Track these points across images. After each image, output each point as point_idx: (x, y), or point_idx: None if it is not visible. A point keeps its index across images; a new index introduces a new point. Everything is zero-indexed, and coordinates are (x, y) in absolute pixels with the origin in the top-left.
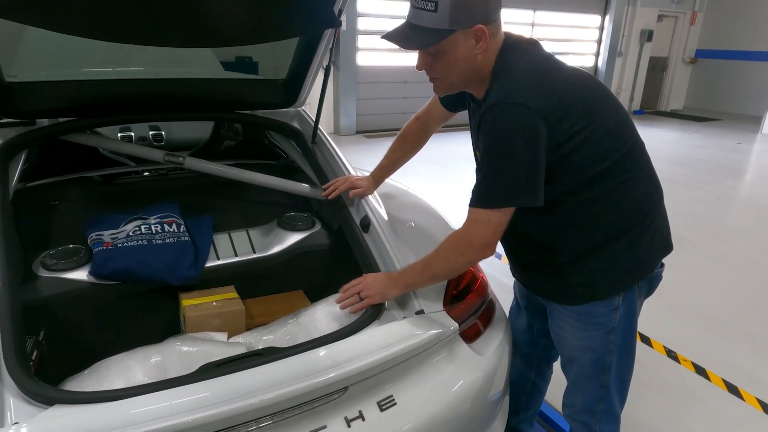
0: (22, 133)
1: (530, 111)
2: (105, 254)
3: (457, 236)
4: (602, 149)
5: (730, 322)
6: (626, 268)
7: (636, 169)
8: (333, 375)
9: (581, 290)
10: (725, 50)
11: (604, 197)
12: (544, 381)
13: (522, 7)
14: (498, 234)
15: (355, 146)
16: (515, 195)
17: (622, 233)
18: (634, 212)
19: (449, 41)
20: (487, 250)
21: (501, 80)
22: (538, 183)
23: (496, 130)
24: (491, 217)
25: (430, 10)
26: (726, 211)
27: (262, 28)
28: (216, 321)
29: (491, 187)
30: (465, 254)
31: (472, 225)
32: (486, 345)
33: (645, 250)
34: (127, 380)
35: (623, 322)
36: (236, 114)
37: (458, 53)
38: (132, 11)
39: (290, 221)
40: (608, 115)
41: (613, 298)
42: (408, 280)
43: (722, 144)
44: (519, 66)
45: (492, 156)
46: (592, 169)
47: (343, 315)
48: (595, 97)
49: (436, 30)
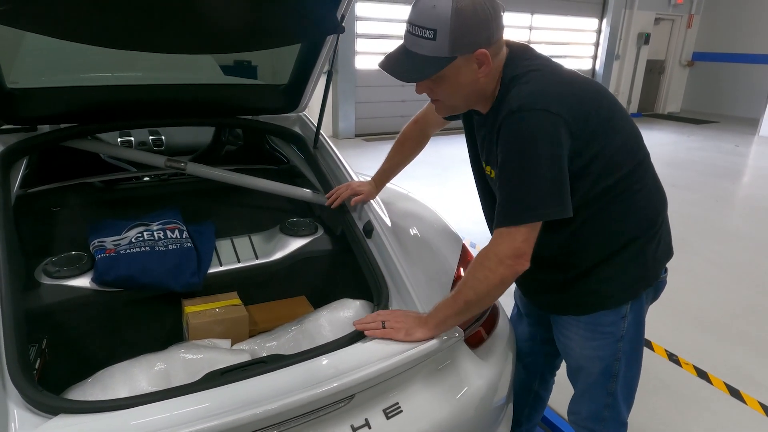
0: (23, 140)
1: (552, 116)
2: (108, 261)
3: (483, 254)
4: (617, 160)
5: (730, 324)
6: (635, 275)
7: (646, 178)
8: (339, 383)
9: (590, 299)
10: (722, 53)
11: (617, 208)
12: (546, 391)
13: (520, 11)
14: (528, 243)
15: (354, 150)
16: (546, 207)
17: (631, 242)
18: (644, 221)
19: (450, 69)
20: (519, 262)
21: (518, 86)
22: (566, 192)
23: (518, 138)
24: (519, 229)
25: (429, 38)
26: (725, 213)
27: (265, 34)
28: (219, 328)
29: (519, 203)
30: (496, 271)
31: (497, 239)
32: (490, 351)
33: (652, 257)
34: (132, 389)
35: (631, 329)
36: (238, 119)
37: (460, 79)
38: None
39: (293, 227)
40: (623, 125)
41: (621, 306)
42: (438, 318)
43: (720, 146)
44: (532, 72)
45: (515, 167)
46: (606, 180)
47: (346, 322)
48: (609, 105)
49: (435, 58)
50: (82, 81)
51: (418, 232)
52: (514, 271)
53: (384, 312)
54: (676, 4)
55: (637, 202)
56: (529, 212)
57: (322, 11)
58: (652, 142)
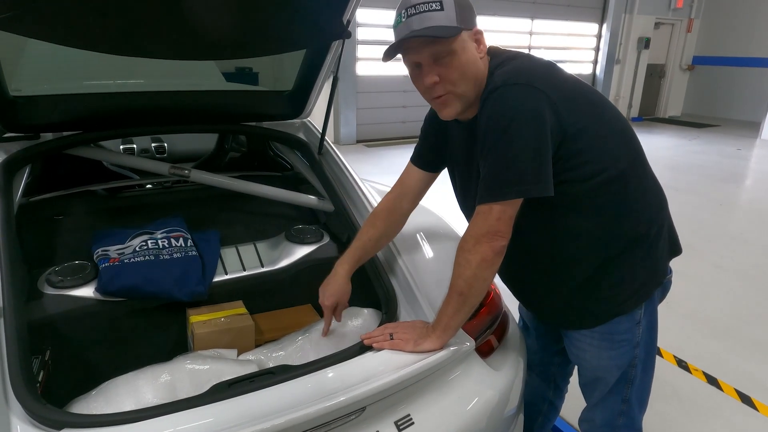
0: (26, 148)
1: (535, 90)
2: (112, 270)
3: (462, 239)
4: (610, 152)
5: (739, 329)
6: (645, 275)
7: (645, 174)
8: (351, 396)
9: (604, 307)
10: (722, 57)
11: (618, 205)
12: (560, 399)
13: (520, 16)
14: (502, 222)
15: (356, 155)
16: (526, 183)
17: (637, 241)
18: (647, 219)
19: (459, 41)
20: (495, 238)
21: (501, 69)
22: (547, 169)
23: (499, 113)
24: (493, 207)
25: (437, 9)
26: (729, 217)
27: (271, 40)
28: (225, 337)
29: (499, 178)
30: (474, 251)
31: (473, 219)
32: (501, 360)
33: (660, 255)
34: (137, 401)
35: (646, 334)
36: (241, 126)
37: (468, 54)
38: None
39: (298, 234)
40: (613, 116)
41: (635, 311)
42: (442, 322)
43: (722, 150)
44: (517, 60)
45: (496, 142)
46: (605, 173)
47: (355, 330)
48: (598, 98)
49: (448, 27)
50: (84, 88)
51: (425, 239)
52: (492, 248)
53: (391, 324)
54: (675, 9)
55: (639, 199)
56: (509, 188)
57: (328, 16)
58: (653, 146)
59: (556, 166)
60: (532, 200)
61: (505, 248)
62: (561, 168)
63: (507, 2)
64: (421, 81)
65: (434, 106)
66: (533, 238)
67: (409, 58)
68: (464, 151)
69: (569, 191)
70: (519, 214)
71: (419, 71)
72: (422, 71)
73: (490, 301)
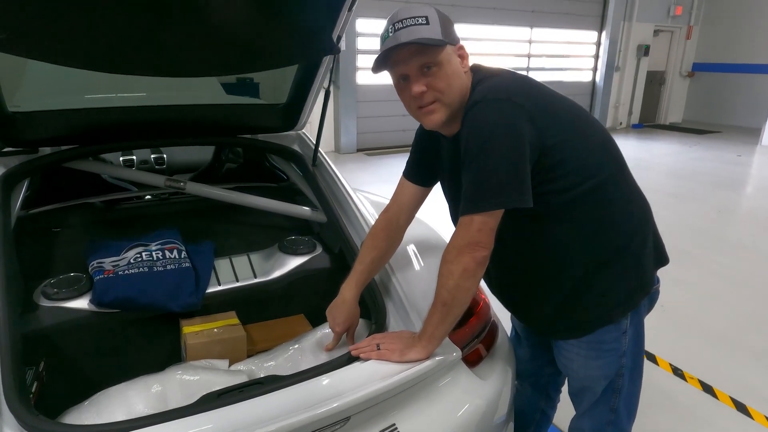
0: (24, 162)
1: (514, 105)
2: (106, 282)
3: (445, 250)
4: (591, 163)
5: (735, 337)
6: (631, 285)
7: (625, 186)
8: (335, 405)
9: (591, 316)
10: (722, 63)
11: (601, 214)
12: (552, 409)
13: (519, 25)
14: (483, 233)
15: (356, 164)
16: (504, 195)
17: (622, 250)
18: (631, 228)
19: (445, 53)
20: (476, 249)
21: (481, 85)
22: (525, 181)
23: (479, 127)
24: (474, 218)
25: (423, 24)
26: (728, 224)
27: (262, 56)
28: (217, 348)
29: (478, 191)
30: (456, 262)
31: (456, 231)
32: (489, 369)
33: (646, 264)
34: (128, 411)
35: (632, 344)
36: (237, 138)
37: (453, 67)
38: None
39: (291, 245)
40: (594, 129)
41: (621, 321)
42: (427, 332)
43: (722, 156)
44: (497, 76)
45: (476, 155)
46: (586, 183)
47: (345, 341)
48: (579, 111)
49: (438, 39)
50: (81, 103)
51: (416, 250)
52: (474, 259)
53: (378, 335)
54: (674, 16)
55: (622, 209)
56: (488, 200)
57: (317, 32)
58: (653, 152)
59: (537, 177)
60: (515, 211)
61: (487, 258)
62: (542, 179)
63: (506, 11)
64: (408, 91)
65: (419, 116)
66: (518, 250)
67: (396, 70)
68: (452, 165)
69: (551, 202)
70: (503, 225)
71: (405, 83)
72: (409, 82)
73: (479, 311)
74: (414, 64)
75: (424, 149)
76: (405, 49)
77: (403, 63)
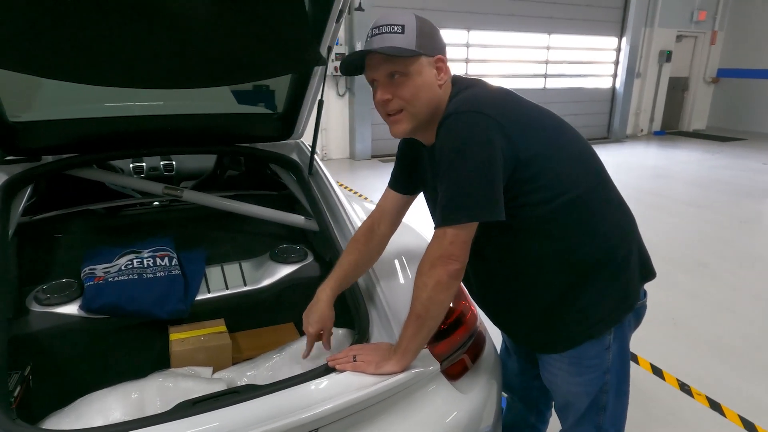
0: (27, 169)
1: (486, 118)
2: (95, 289)
3: (420, 261)
4: (567, 176)
5: (748, 354)
6: (615, 299)
7: (606, 198)
8: (303, 417)
9: (573, 330)
10: (747, 69)
11: (582, 227)
12: (544, 424)
13: (536, 31)
14: (456, 246)
15: (370, 170)
16: (476, 208)
17: (603, 265)
18: (613, 242)
19: (417, 64)
20: (449, 262)
21: (456, 98)
22: (497, 194)
23: (450, 139)
24: (446, 231)
25: (398, 33)
26: (751, 235)
27: (246, 67)
28: (201, 355)
29: (451, 204)
30: (430, 275)
31: (430, 244)
32: (472, 382)
33: (630, 279)
34: (105, 418)
35: (617, 361)
36: (236, 147)
37: (424, 78)
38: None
39: (282, 254)
40: (571, 141)
41: (604, 336)
42: (402, 345)
43: (746, 164)
44: (472, 88)
45: (448, 168)
46: (565, 195)
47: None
48: (555, 124)
49: (404, 49)
50: (82, 113)
51: (401, 258)
52: (446, 272)
53: (357, 346)
54: (698, 21)
55: (602, 222)
56: (460, 213)
57: (303, 44)
58: (675, 160)
59: (513, 190)
60: (492, 225)
61: (460, 272)
62: (517, 192)
63: (523, 17)
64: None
65: (388, 123)
66: (498, 263)
67: (367, 74)
68: (430, 175)
69: (528, 215)
70: (482, 238)
71: (375, 88)
72: (377, 88)
73: (467, 320)
74: (382, 71)
75: (405, 158)
76: (376, 55)
77: (373, 68)
